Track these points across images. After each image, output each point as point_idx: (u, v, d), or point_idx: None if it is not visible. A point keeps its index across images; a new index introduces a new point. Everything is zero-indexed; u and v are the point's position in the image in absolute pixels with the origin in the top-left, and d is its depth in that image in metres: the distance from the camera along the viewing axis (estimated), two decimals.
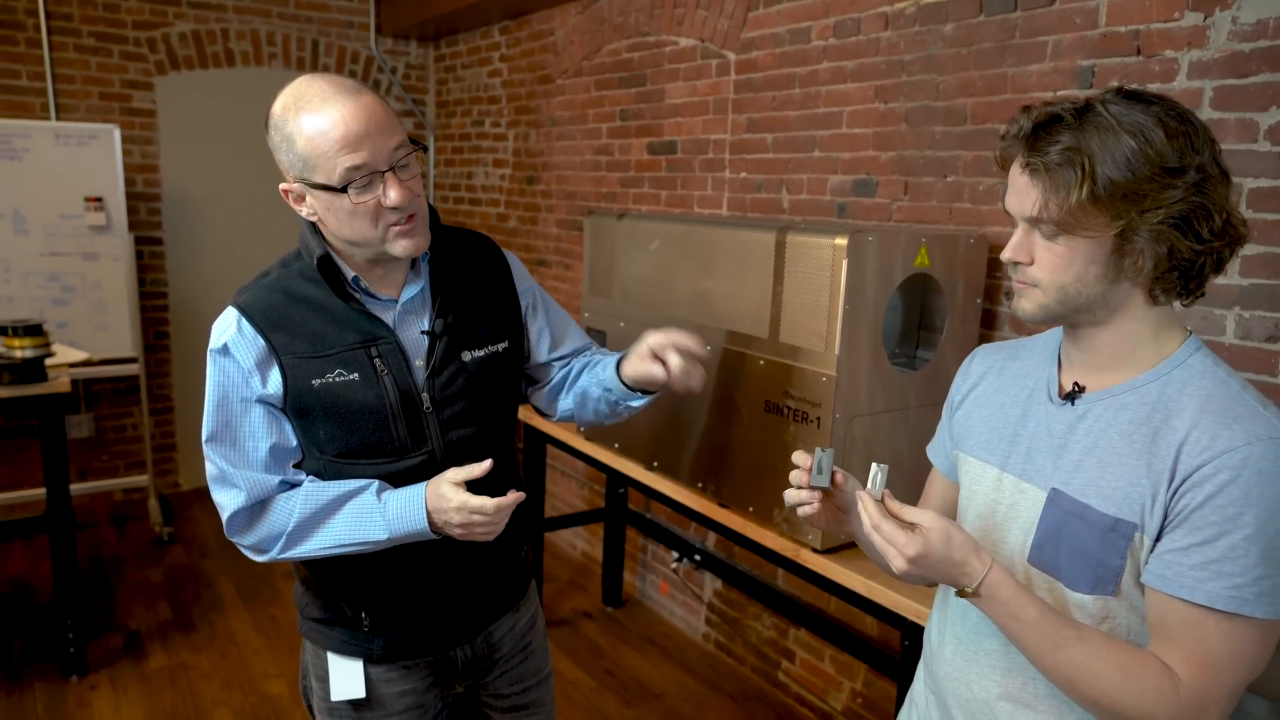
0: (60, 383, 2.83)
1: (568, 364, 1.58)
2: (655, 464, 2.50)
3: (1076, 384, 1.05)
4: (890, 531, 0.97)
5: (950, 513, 1.24)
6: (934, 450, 1.30)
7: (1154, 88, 1.84)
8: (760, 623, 3.05)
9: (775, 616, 2.97)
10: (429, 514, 1.26)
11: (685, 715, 2.87)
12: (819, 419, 1.93)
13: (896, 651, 1.94)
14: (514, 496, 1.26)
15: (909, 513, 0.99)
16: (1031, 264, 1.00)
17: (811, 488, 1.12)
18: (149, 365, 4.39)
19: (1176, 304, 1.02)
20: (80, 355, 3.23)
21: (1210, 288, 1.77)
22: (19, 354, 2.80)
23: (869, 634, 2.56)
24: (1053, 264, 0.98)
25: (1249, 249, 1.72)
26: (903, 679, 1.87)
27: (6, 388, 2.76)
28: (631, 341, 2.53)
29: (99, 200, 3.80)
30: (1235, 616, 0.89)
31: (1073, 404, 1.04)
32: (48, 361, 2.89)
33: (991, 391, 1.17)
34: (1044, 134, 0.96)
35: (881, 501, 1.01)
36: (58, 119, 4.02)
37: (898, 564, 0.97)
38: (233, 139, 4.46)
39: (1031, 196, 0.97)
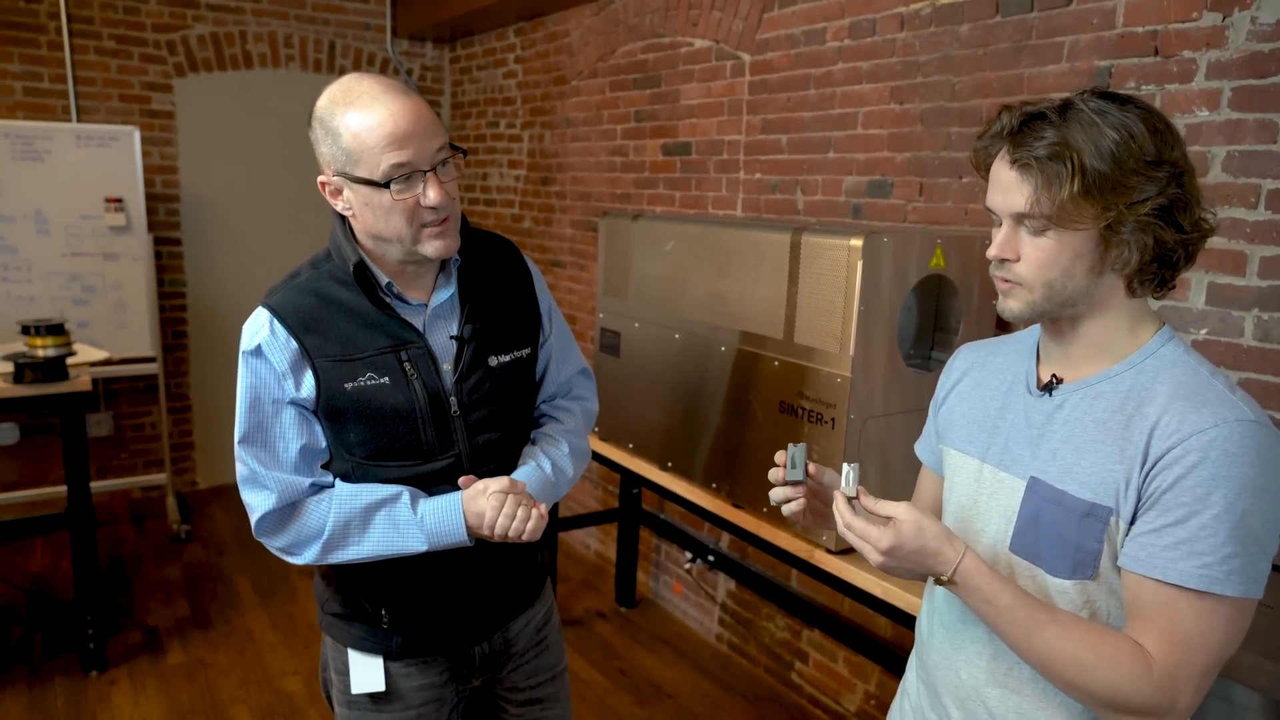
0: (81, 381, 2.86)
1: (536, 408, 1.57)
2: (669, 464, 2.50)
3: (1054, 376, 1.08)
4: (862, 528, 1.01)
5: (938, 503, 1.26)
6: (921, 447, 1.33)
7: (1172, 88, 1.83)
8: (774, 623, 3.05)
9: (789, 617, 2.97)
10: (467, 525, 1.30)
11: (698, 716, 2.88)
12: (833, 420, 1.93)
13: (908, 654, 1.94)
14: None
15: (884, 506, 1.02)
16: (1018, 260, 1.01)
17: (787, 482, 1.16)
18: (167, 364, 4.44)
19: (1152, 301, 1.06)
20: (101, 354, 3.26)
21: (1229, 289, 1.78)
22: (41, 353, 2.83)
23: (882, 635, 2.56)
24: (1040, 259, 1.00)
25: (1269, 250, 1.71)
26: None
27: (29, 386, 2.79)
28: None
29: (119, 201, 3.84)
30: (1206, 595, 0.91)
31: (1050, 395, 1.07)
32: (69, 360, 2.92)
33: (973, 386, 1.20)
34: (1029, 131, 0.98)
35: (855, 499, 1.05)
36: (79, 121, 4.07)
37: (874, 558, 1.01)
38: (250, 140, 4.50)
39: (1022, 192, 0.98)
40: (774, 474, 1.17)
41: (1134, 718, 0.94)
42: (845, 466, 1.06)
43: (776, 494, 1.19)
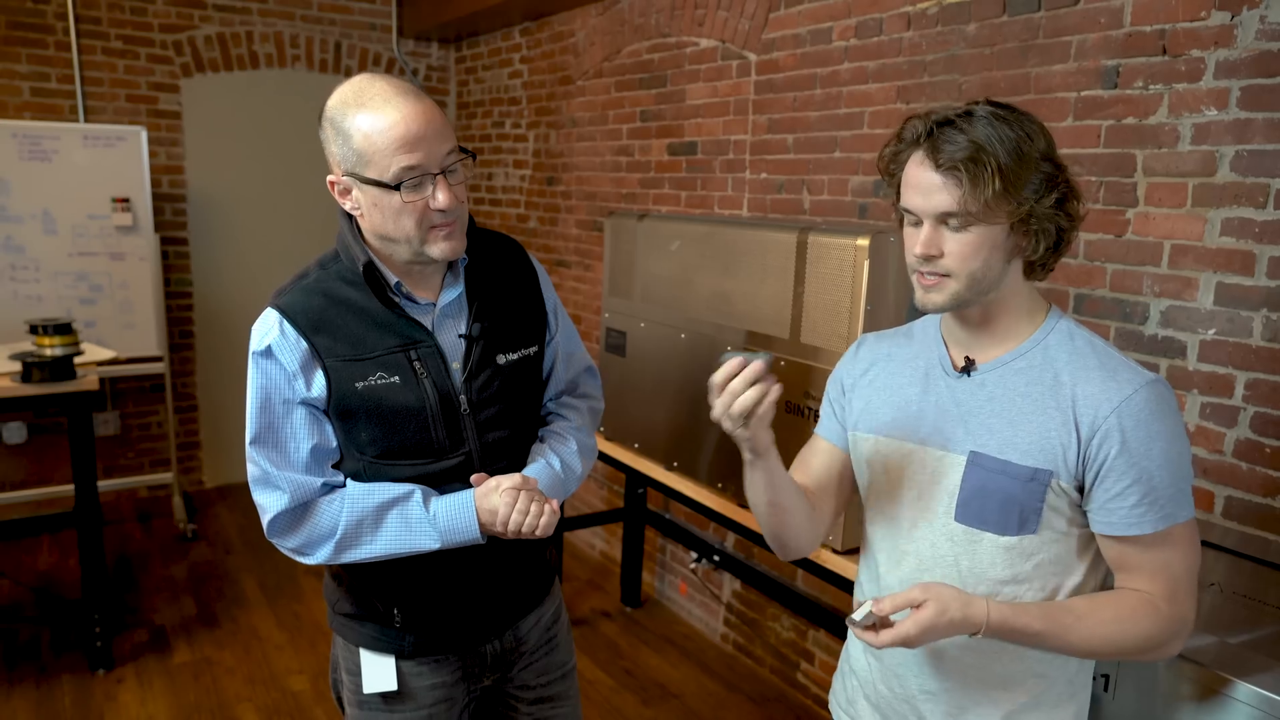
0: (88, 381, 2.87)
1: (543, 406, 1.58)
2: (675, 464, 2.50)
3: (967, 358, 1.18)
4: (892, 637, 1.04)
5: (832, 476, 1.33)
6: (824, 428, 1.37)
7: (1180, 87, 1.83)
8: (779, 624, 3.04)
9: (794, 617, 2.97)
10: (480, 522, 1.30)
11: (704, 716, 2.87)
12: None
13: None
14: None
15: (900, 599, 1.05)
16: (942, 256, 1.09)
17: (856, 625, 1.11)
18: (174, 364, 4.45)
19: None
20: (108, 354, 3.27)
21: (1238, 289, 1.78)
22: (49, 352, 2.84)
23: None
24: (963, 253, 1.08)
25: (1278, 250, 1.70)
26: None
27: (37, 385, 2.80)
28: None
29: (126, 201, 3.85)
30: (1171, 529, 1.07)
31: (969, 375, 1.17)
32: (76, 360, 2.93)
33: (887, 377, 1.27)
34: (942, 136, 1.06)
35: (873, 627, 1.07)
36: (86, 121, 4.08)
37: (921, 642, 1.05)
38: (256, 140, 4.51)
39: (949, 193, 1.05)
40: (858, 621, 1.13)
41: (1164, 651, 1.10)
42: (861, 605, 1.08)
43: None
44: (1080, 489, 1.10)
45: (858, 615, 1.07)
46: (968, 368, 1.18)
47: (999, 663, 1.16)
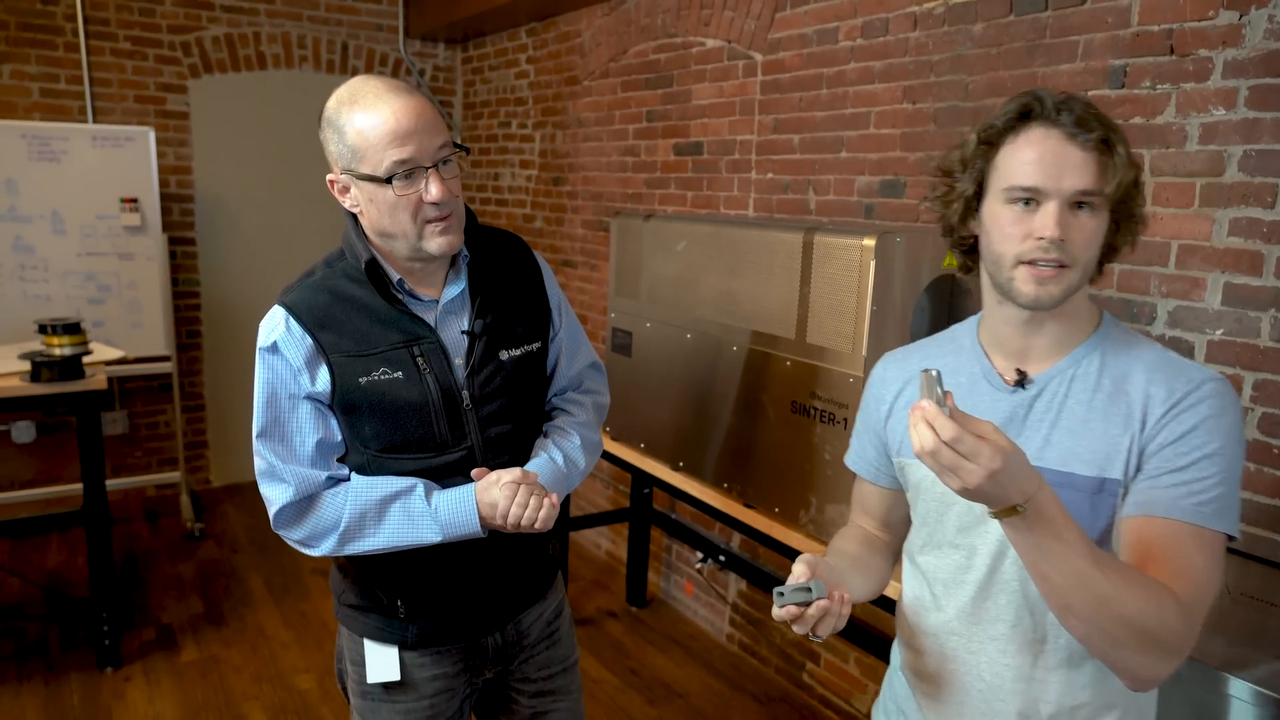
0: (97, 380, 2.89)
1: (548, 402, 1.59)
2: (680, 464, 2.50)
3: (1020, 370, 1.09)
4: (973, 445, 0.84)
5: (891, 517, 1.29)
6: (857, 462, 1.30)
7: (1187, 87, 1.82)
8: (785, 624, 3.04)
9: None
10: (480, 516, 1.32)
11: (709, 716, 2.87)
12: (846, 420, 1.93)
13: None
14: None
15: (971, 420, 0.87)
16: (1064, 241, 0.99)
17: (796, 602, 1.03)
18: (181, 363, 4.46)
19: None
20: (116, 353, 3.29)
21: (1245, 289, 1.77)
22: (58, 352, 2.85)
23: (894, 636, 2.55)
24: (1086, 240, 1.00)
25: None
26: None
27: (46, 385, 2.81)
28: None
29: (134, 201, 3.87)
30: (1205, 531, 0.97)
31: (1024, 388, 1.08)
32: (85, 359, 2.94)
33: None
34: (1079, 112, 0.99)
35: (948, 410, 0.86)
36: (94, 121, 4.10)
37: (973, 479, 0.85)
38: (264, 141, 4.52)
39: (1087, 171, 0.98)
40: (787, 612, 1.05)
41: (1162, 655, 0.93)
42: (925, 374, 0.88)
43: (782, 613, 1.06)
44: None
45: (933, 391, 0.87)
46: (1022, 380, 1.08)
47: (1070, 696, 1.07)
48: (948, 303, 2.16)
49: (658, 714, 2.87)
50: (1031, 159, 1.00)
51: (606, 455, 2.87)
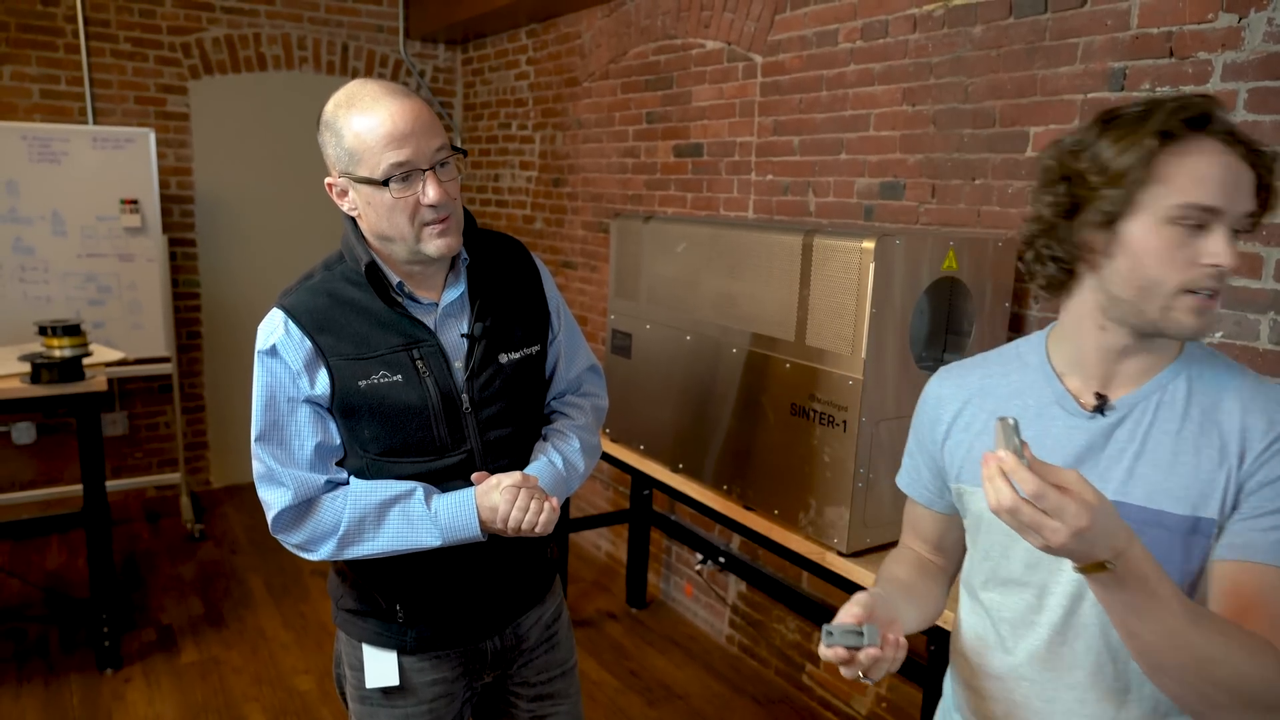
0: (97, 381, 2.89)
1: (547, 405, 1.59)
2: (680, 466, 2.50)
3: (1099, 395, 1.01)
4: (1057, 501, 0.78)
5: (945, 541, 1.22)
6: (911, 484, 1.22)
7: (1187, 90, 1.82)
8: (784, 625, 3.04)
9: (800, 619, 2.97)
10: (480, 520, 1.32)
11: (709, 717, 2.87)
12: (845, 422, 1.93)
13: (922, 656, 1.94)
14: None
15: (1052, 471, 0.80)
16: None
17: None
18: (181, 364, 4.47)
19: None
20: (116, 355, 3.29)
21: (1244, 292, 1.77)
22: (58, 353, 2.85)
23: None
24: (1236, 266, 0.92)
25: None
26: (928, 684, 1.86)
27: (46, 386, 2.82)
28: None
29: (134, 202, 3.87)
30: None
31: (1103, 414, 0.99)
32: (85, 361, 2.94)
33: (987, 417, 1.09)
34: (1227, 124, 0.91)
35: (1026, 461, 0.80)
36: (95, 123, 4.10)
37: (1057, 538, 0.79)
38: (264, 142, 4.52)
39: (1249, 190, 0.90)
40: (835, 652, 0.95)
41: (1262, 712, 0.86)
42: (998, 422, 0.82)
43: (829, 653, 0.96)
44: None
45: (1009, 441, 0.80)
46: (1101, 406, 0.99)
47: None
48: (947, 305, 2.17)
49: (657, 715, 2.87)
50: (1214, 176, 0.89)
51: (606, 456, 2.87)
